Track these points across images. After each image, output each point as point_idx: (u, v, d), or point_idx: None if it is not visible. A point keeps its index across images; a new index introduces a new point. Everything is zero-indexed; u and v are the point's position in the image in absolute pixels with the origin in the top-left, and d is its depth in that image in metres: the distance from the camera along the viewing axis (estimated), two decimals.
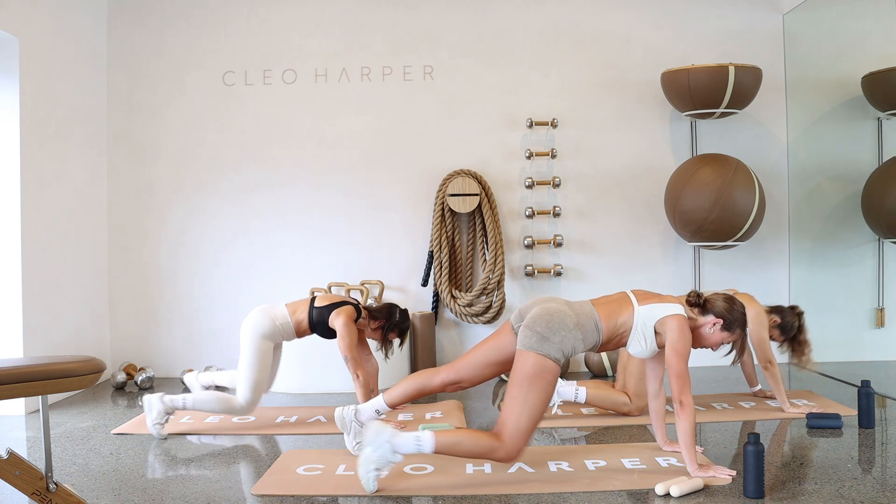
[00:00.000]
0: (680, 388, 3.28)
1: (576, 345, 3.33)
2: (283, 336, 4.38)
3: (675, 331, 3.33)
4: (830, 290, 5.93)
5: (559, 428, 4.20)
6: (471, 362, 3.54)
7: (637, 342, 3.40)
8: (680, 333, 3.33)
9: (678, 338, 3.32)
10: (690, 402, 3.27)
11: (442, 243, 5.75)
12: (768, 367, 4.40)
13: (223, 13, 5.93)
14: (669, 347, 3.32)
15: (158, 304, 5.93)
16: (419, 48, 5.92)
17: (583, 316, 3.38)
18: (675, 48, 5.90)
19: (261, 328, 4.29)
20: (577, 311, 3.39)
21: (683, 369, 3.30)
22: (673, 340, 3.32)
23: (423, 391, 3.66)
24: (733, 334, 3.45)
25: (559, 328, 3.29)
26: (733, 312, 3.43)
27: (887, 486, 3.20)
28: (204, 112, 5.93)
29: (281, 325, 4.34)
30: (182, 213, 5.93)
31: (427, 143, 5.91)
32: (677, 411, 3.27)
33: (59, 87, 5.26)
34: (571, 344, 3.32)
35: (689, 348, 3.33)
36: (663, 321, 3.36)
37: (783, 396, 4.38)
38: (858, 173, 5.74)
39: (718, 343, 3.47)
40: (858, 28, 5.84)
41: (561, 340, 3.28)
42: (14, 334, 4.75)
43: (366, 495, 3.20)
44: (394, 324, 4.44)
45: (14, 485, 2.67)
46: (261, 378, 4.25)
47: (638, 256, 5.95)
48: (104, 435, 4.22)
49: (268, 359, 4.28)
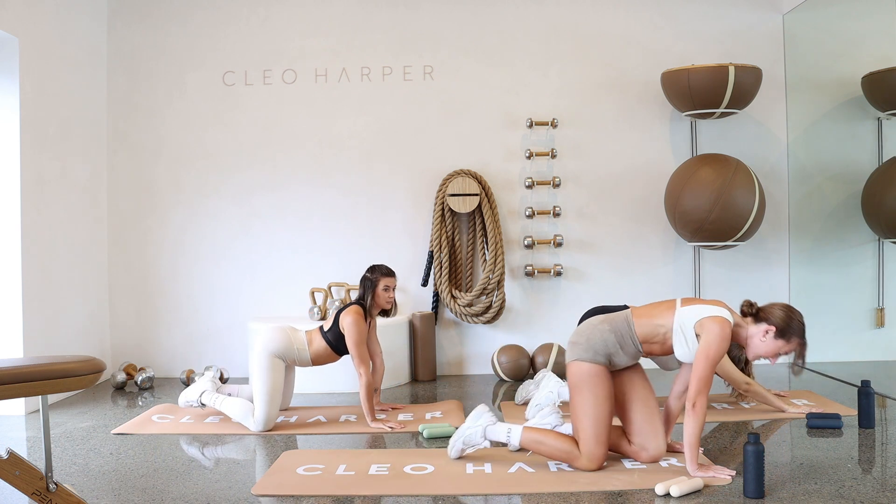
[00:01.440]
0: (697, 390, 3.24)
1: (606, 337, 3.40)
2: (298, 360, 4.42)
3: (712, 333, 3.27)
4: (830, 290, 5.93)
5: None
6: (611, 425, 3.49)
7: (679, 344, 3.36)
8: (716, 336, 3.26)
9: (713, 340, 3.26)
10: (703, 406, 3.25)
11: (442, 243, 5.75)
12: (748, 389, 4.36)
13: (223, 13, 5.93)
14: (701, 348, 3.27)
15: (158, 305, 5.93)
16: (419, 48, 5.92)
17: (614, 316, 3.49)
18: (675, 48, 5.90)
19: (274, 345, 4.32)
20: (609, 316, 3.50)
21: (707, 374, 3.25)
22: (707, 343, 3.26)
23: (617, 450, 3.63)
24: (790, 343, 3.33)
25: (584, 330, 3.48)
26: (790, 321, 3.34)
27: (887, 486, 3.20)
28: (204, 112, 5.93)
29: (298, 349, 4.39)
30: (182, 213, 5.93)
31: (427, 143, 5.90)
32: (688, 411, 3.26)
33: (59, 87, 5.26)
34: (600, 337, 3.41)
35: (720, 353, 3.26)
36: (703, 322, 3.30)
37: (776, 403, 4.36)
38: (858, 173, 5.74)
39: (775, 352, 3.35)
40: (858, 28, 5.84)
41: (587, 339, 3.43)
42: (14, 334, 4.75)
43: (366, 495, 3.20)
44: (371, 283, 4.49)
45: (14, 485, 2.67)
46: (274, 389, 4.25)
47: (638, 256, 5.95)
48: (104, 435, 4.22)
49: (279, 374, 4.30)
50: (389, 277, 4.53)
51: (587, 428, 3.37)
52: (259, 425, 4.22)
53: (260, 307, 5.91)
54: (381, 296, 4.50)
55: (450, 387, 5.43)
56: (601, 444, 3.37)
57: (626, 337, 3.42)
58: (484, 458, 3.65)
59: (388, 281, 4.52)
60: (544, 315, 5.90)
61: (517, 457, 3.64)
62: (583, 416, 3.39)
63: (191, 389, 4.54)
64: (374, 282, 4.50)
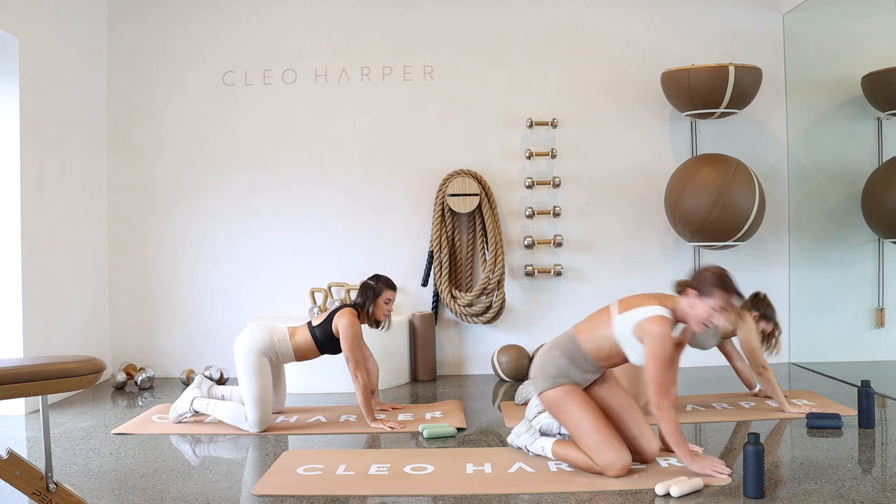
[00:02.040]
0: (656, 394, 3.21)
1: (558, 362, 3.44)
2: (281, 356, 4.36)
3: (649, 334, 3.24)
4: (830, 290, 5.93)
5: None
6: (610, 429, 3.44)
7: (630, 353, 3.35)
8: (653, 336, 3.23)
9: (655, 344, 3.22)
10: (668, 407, 3.23)
11: (442, 243, 5.75)
12: (762, 373, 4.39)
13: (223, 13, 5.93)
14: (647, 354, 3.25)
15: (158, 305, 5.93)
16: (419, 48, 5.92)
17: (560, 339, 3.52)
18: (675, 48, 5.90)
19: (255, 343, 4.28)
20: (556, 340, 3.55)
21: (659, 374, 3.20)
22: (651, 348, 3.24)
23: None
24: (713, 296, 3.23)
25: (538, 362, 3.55)
26: (702, 276, 3.29)
27: (887, 486, 3.20)
28: (204, 112, 5.93)
29: (278, 340, 4.33)
30: (182, 213, 5.93)
31: (427, 143, 5.90)
32: (657, 417, 3.25)
33: (59, 87, 5.26)
34: (553, 363, 3.46)
35: (667, 351, 3.22)
36: (641, 326, 3.27)
37: (781, 398, 4.37)
38: (858, 173, 5.74)
39: (707, 313, 3.25)
40: (858, 28, 5.84)
41: (542, 369, 3.49)
42: (14, 334, 4.75)
43: (366, 495, 3.20)
44: (374, 293, 4.45)
45: (14, 485, 2.67)
46: (264, 390, 4.22)
47: (638, 256, 5.95)
48: (104, 435, 4.22)
49: (265, 372, 4.25)
50: (392, 291, 4.51)
51: (587, 441, 3.35)
52: (254, 427, 4.21)
53: (260, 307, 5.91)
54: (381, 307, 4.46)
55: (450, 387, 5.43)
56: (610, 448, 3.31)
57: (576, 356, 3.42)
58: (484, 458, 3.65)
59: (391, 294, 4.50)
60: (544, 315, 5.90)
61: (517, 457, 3.64)
62: (578, 434, 3.39)
63: (180, 402, 4.45)
64: (377, 291, 4.46)
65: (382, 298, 4.46)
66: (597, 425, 3.35)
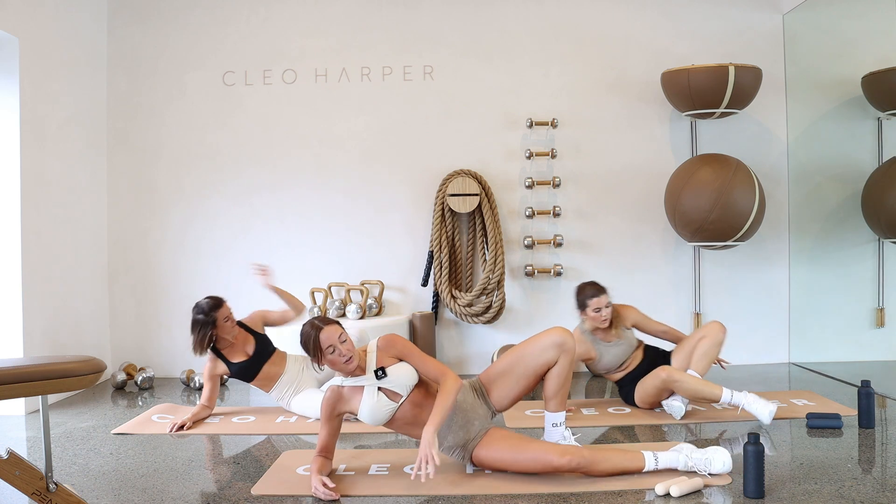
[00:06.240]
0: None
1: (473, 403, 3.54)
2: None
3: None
4: (830, 290, 5.93)
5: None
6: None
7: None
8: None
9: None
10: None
11: (442, 243, 5.75)
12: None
13: (223, 13, 5.93)
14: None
15: (158, 304, 5.93)
16: (419, 48, 5.92)
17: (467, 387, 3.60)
18: (675, 48, 5.90)
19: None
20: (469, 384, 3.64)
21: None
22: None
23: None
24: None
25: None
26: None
27: (887, 486, 3.20)
28: (204, 112, 5.93)
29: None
30: (182, 213, 5.93)
31: (427, 143, 5.91)
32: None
33: (59, 87, 5.26)
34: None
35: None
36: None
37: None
38: (858, 173, 5.74)
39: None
40: (858, 28, 5.84)
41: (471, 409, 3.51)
42: (14, 334, 4.75)
43: (366, 495, 3.20)
44: (204, 323, 4.49)
45: (14, 485, 2.67)
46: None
47: (638, 256, 5.95)
48: (104, 435, 4.22)
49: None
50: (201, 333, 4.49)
51: (534, 447, 3.33)
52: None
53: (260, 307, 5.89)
54: (222, 327, 4.53)
55: None
56: (549, 455, 3.29)
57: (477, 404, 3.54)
58: None
59: (227, 311, 4.57)
60: (544, 315, 5.89)
61: None
62: (522, 450, 3.33)
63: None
64: (207, 321, 4.45)
65: (220, 319, 4.46)
66: (522, 444, 3.37)
